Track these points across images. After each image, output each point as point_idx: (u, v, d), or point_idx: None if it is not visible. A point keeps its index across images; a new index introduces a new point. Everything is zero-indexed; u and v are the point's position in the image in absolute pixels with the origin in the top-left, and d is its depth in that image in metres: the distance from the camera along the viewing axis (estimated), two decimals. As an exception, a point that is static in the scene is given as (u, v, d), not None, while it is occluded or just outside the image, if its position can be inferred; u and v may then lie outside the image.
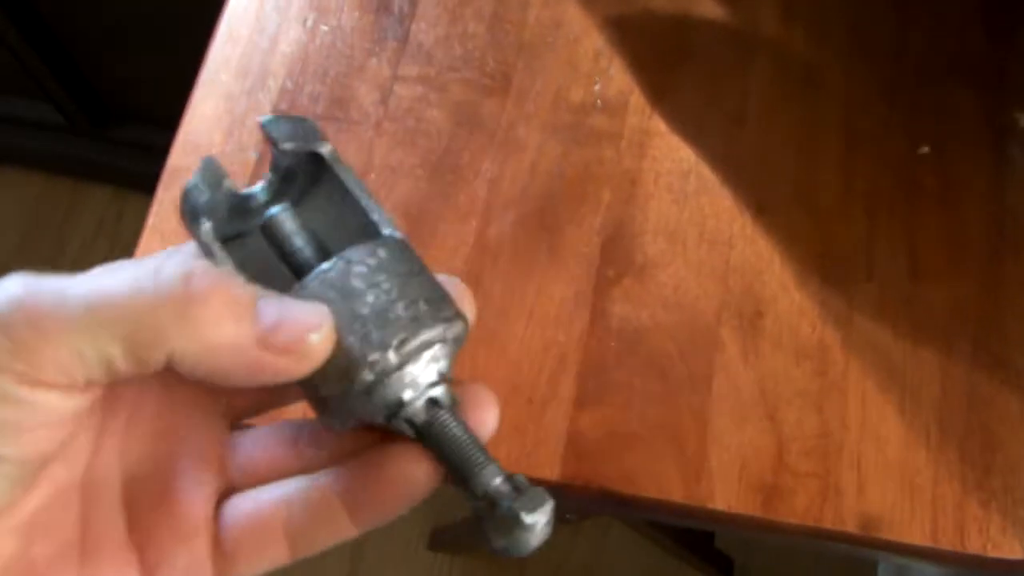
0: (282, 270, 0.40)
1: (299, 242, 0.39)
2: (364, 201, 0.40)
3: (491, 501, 0.36)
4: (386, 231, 0.39)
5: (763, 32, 0.78)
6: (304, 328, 0.34)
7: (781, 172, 0.73)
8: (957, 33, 0.77)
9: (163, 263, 0.34)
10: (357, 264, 0.36)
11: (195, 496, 0.38)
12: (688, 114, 0.75)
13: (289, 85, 0.76)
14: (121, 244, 1.93)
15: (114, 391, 0.37)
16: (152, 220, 0.72)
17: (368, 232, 0.39)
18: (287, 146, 0.40)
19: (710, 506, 0.64)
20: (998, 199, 0.71)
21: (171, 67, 1.05)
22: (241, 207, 0.40)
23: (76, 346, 0.32)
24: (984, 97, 0.75)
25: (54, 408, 0.33)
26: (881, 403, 0.66)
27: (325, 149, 0.41)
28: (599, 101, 0.75)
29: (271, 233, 0.40)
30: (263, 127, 0.40)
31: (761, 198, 0.72)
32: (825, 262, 0.70)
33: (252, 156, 0.74)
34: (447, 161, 0.73)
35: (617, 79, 0.76)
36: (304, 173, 0.41)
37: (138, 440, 0.39)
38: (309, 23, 0.78)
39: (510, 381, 0.67)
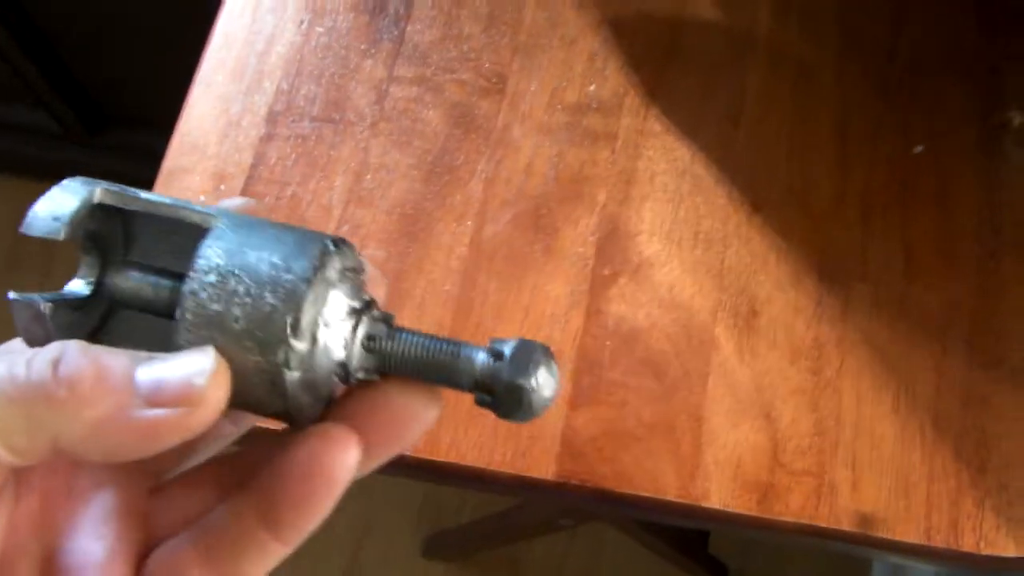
0: (162, 325, 0.37)
1: (149, 292, 0.38)
2: (173, 213, 0.37)
3: (485, 386, 0.35)
4: (207, 223, 0.36)
5: (757, 32, 0.78)
6: (186, 377, 0.32)
7: (776, 172, 0.73)
8: (950, 32, 0.77)
9: (37, 353, 0.33)
10: (201, 291, 0.34)
11: (116, 561, 0.36)
12: (683, 114, 0.75)
13: (285, 86, 0.76)
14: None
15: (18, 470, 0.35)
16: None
17: (199, 235, 0.36)
18: (64, 232, 0.37)
19: (705, 505, 0.64)
20: (992, 197, 0.72)
21: (165, 71, 1.05)
22: (81, 301, 0.38)
23: None
24: (977, 93, 0.75)
25: None
26: (876, 402, 0.66)
27: (96, 196, 0.37)
28: (594, 102, 0.75)
29: (124, 302, 0.38)
30: (33, 235, 0.37)
31: (756, 198, 0.72)
32: (820, 261, 0.70)
33: (248, 159, 0.74)
34: (443, 161, 0.73)
35: (612, 80, 0.76)
36: (109, 224, 0.39)
37: (51, 515, 0.37)
38: (304, 25, 0.78)
39: (506, 380, 0.67)
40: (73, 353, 0.32)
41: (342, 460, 0.34)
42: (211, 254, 0.35)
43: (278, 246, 0.35)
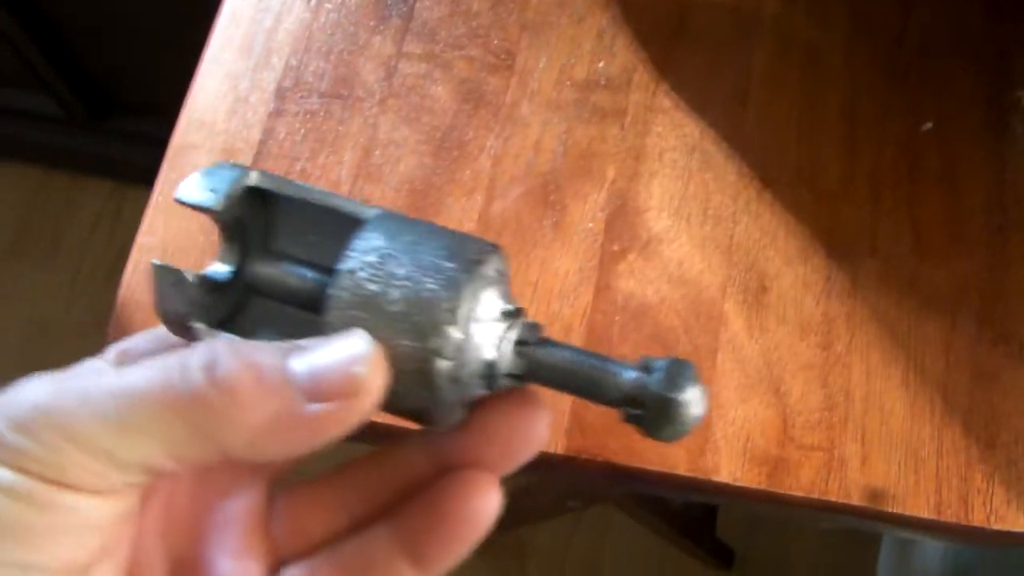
0: (301, 316, 0.38)
1: (294, 281, 0.37)
2: (326, 200, 0.37)
3: (633, 400, 0.34)
4: (365, 214, 0.36)
5: (765, 11, 0.78)
6: (345, 364, 0.32)
7: (784, 149, 0.73)
8: (958, 11, 0.77)
9: (188, 357, 0.32)
10: (360, 270, 0.34)
11: None
12: (692, 91, 0.75)
13: (293, 63, 0.76)
14: (119, 239, 1.92)
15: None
16: (156, 199, 0.72)
17: (350, 228, 0.36)
18: (219, 203, 0.36)
19: (715, 479, 0.64)
20: (1000, 176, 0.72)
21: (171, 57, 1.05)
22: (218, 285, 0.38)
23: (109, 449, 0.30)
24: (985, 75, 0.75)
25: (90, 513, 0.31)
26: (885, 377, 0.66)
27: (252, 179, 0.37)
28: (603, 78, 0.75)
29: (263, 290, 0.38)
30: (186, 204, 0.37)
31: (765, 175, 0.72)
32: (829, 238, 0.70)
33: (256, 135, 0.74)
34: (451, 137, 0.73)
35: (621, 57, 0.76)
36: (253, 212, 0.39)
37: (177, 521, 0.37)
38: (313, 1, 0.78)
39: (515, 355, 0.67)
40: (225, 356, 0.31)
41: (489, 506, 0.35)
42: (372, 236, 0.34)
43: (438, 238, 0.35)
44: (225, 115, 0.74)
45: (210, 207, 0.36)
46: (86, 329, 1.83)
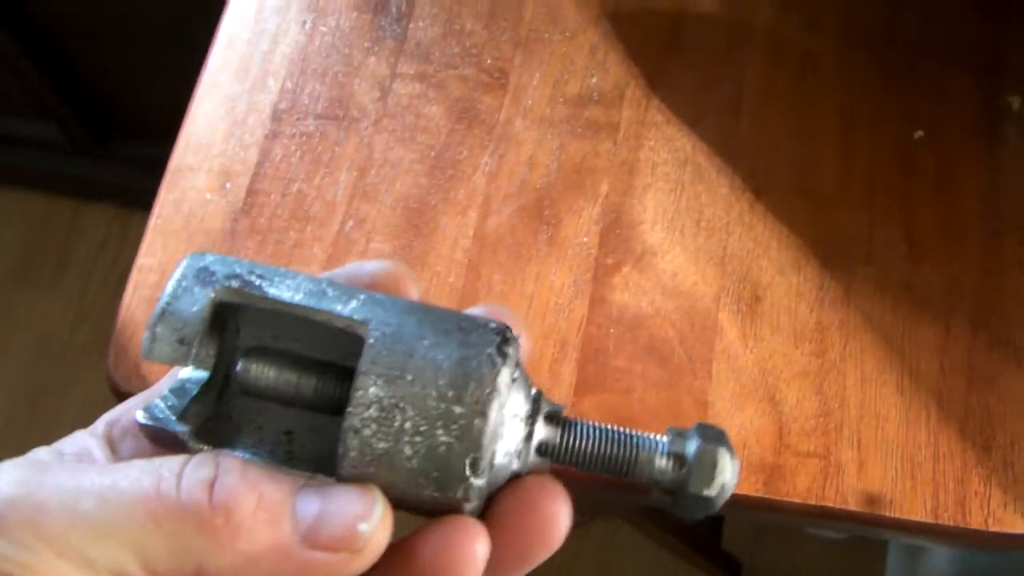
0: (283, 412, 0.36)
1: (290, 390, 0.35)
2: (311, 314, 0.34)
3: (664, 487, 0.35)
4: (354, 330, 0.34)
5: (757, 21, 0.78)
6: (352, 519, 0.31)
7: (778, 159, 0.73)
8: (951, 17, 0.78)
9: (188, 468, 0.30)
10: (364, 428, 0.32)
11: None
12: (684, 104, 0.75)
13: (289, 85, 0.77)
14: (123, 263, 1.93)
15: None
16: (155, 221, 0.72)
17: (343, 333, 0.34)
18: (194, 356, 0.34)
19: (713, 487, 0.64)
20: (994, 180, 0.72)
21: (174, 84, 1.06)
22: (205, 385, 0.36)
23: (85, 553, 0.29)
24: (978, 80, 0.76)
25: None
26: (880, 383, 0.66)
27: (217, 296, 0.35)
28: (595, 94, 0.76)
29: (255, 392, 0.36)
30: (151, 358, 0.34)
31: (758, 185, 0.72)
32: (823, 246, 0.70)
33: (253, 157, 0.74)
34: (446, 156, 0.74)
35: (613, 72, 0.77)
36: (230, 314, 0.37)
37: None
38: (308, 24, 0.79)
39: (512, 369, 0.67)
40: (231, 475, 0.30)
41: (473, 554, 0.33)
42: (368, 384, 0.32)
43: (441, 361, 0.33)
44: (222, 137, 0.75)
45: (187, 363, 0.35)
46: (90, 351, 1.84)
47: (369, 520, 0.31)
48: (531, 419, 0.35)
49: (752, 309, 0.69)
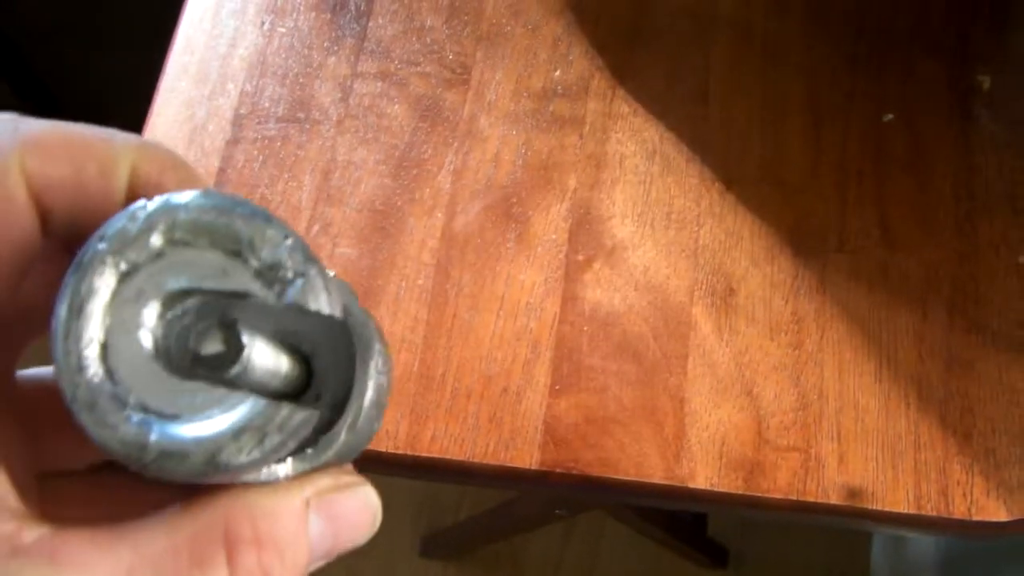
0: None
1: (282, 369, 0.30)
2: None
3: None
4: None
5: (722, 9, 0.77)
6: (365, 529, 0.31)
7: (747, 148, 0.72)
8: (917, 0, 0.77)
9: (196, 549, 0.27)
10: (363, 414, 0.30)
11: None
12: (650, 95, 0.74)
13: (249, 88, 0.75)
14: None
15: None
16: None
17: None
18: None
19: (692, 485, 0.63)
20: (966, 161, 0.71)
21: (134, 87, 1.04)
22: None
23: None
24: (947, 61, 0.75)
25: None
26: (858, 373, 0.65)
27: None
28: (560, 87, 0.74)
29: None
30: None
31: (728, 175, 0.71)
32: (796, 235, 0.69)
33: (215, 163, 0.73)
34: (410, 155, 0.73)
35: (577, 64, 0.75)
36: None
37: None
38: (266, 26, 0.78)
39: (484, 372, 0.66)
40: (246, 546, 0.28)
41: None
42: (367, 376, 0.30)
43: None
44: (183, 144, 0.74)
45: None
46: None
47: (376, 517, 0.31)
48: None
49: (726, 302, 0.68)
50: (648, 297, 0.68)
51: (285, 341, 0.29)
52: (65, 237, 0.30)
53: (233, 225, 0.27)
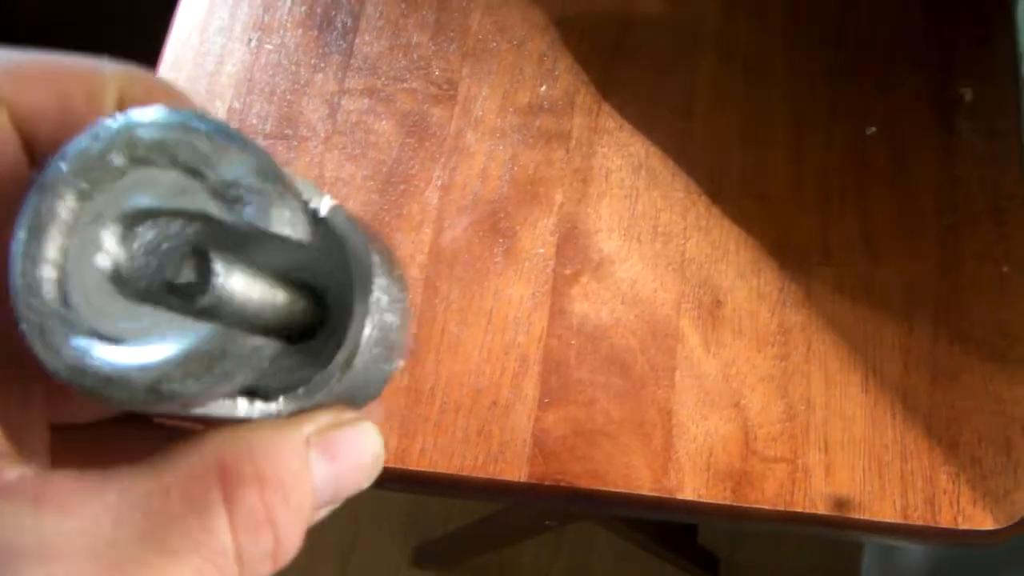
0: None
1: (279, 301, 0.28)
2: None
3: None
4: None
5: (706, 26, 0.78)
6: (369, 470, 0.29)
7: (731, 161, 0.73)
8: (897, 13, 0.77)
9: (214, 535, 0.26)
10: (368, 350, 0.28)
11: None
12: (635, 110, 0.75)
13: (237, 105, 0.76)
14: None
15: None
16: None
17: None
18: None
19: (680, 497, 0.63)
20: (948, 173, 0.72)
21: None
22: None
23: None
24: (928, 74, 0.75)
25: None
26: (844, 384, 0.66)
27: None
28: (546, 102, 0.75)
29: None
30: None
31: (713, 188, 0.72)
32: (781, 248, 0.70)
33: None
34: (398, 171, 0.73)
35: (563, 79, 0.76)
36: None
37: None
38: (253, 43, 0.78)
39: (473, 385, 0.67)
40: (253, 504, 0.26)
41: None
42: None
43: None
44: (171, 162, 0.74)
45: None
46: None
47: (379, 459, 0.29)
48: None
49: (713, 315, 0.68)
50: (635, 310, 0.68)
51: (291, 272, 0.28)
52: None
53: (193, 142, 0.26)
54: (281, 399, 0.28)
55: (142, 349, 0.25)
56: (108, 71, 0.29)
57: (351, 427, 0.29)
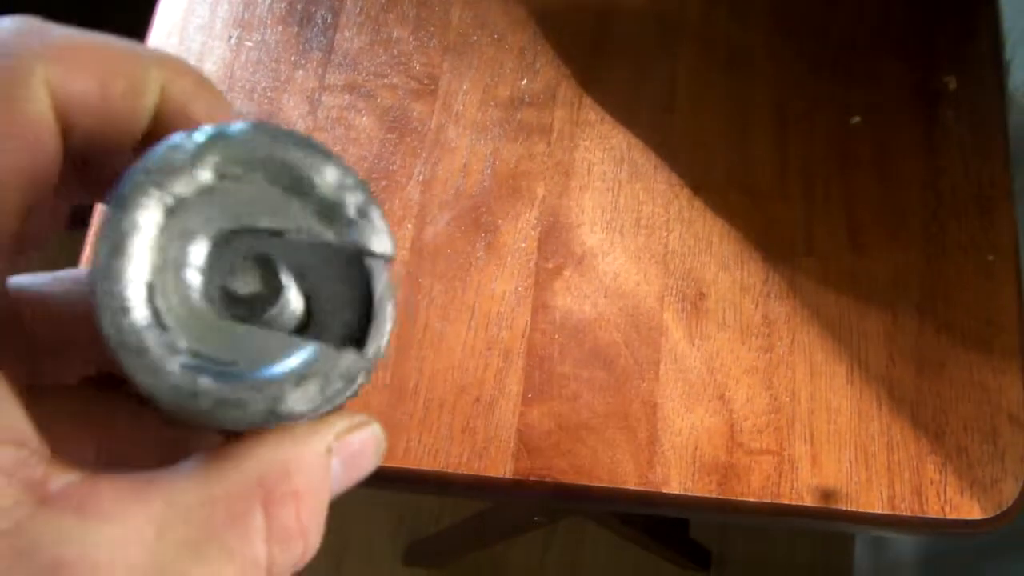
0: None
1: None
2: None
3: None
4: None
5: (687, 17, 0.77)
6: (369, 468, 0.29)
7: (714, 154, 0.73)
8: (882, 4, 0.77)
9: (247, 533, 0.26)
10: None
11: None
12: (617, 102, 0.74)
13: (215, 103, 0.75)
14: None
15: None
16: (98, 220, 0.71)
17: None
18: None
19: (666, 491, 0.63)
20: (932, 163, 0.72)
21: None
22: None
23: None
24: (911, 63, 0.75)
25: None
26: (830, 375, 0.66)
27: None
28: (527, 96, 0.75)
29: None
30: None
31: (696, 181, 0.72)
32: (764, 239, 0.70)
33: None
34: (379, 167, 0.73)
35: (544, 73, 0.75)
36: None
37: None
38: (233, 40, 0.78)
39: (457, 382, 0.66)
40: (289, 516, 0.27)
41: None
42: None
43: None
44: (150, 161, 0.73)
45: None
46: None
47: (381, 451, 0.30)
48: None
49: (697, 307, 0.68)
50: (619, 304, 0.68)
51: (330, 279, 0.27)
52: (79, 160, 0.28)
53: (290, 160, 0.26)
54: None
55: (251, 369, 0.25)
56: (152, 62, 0.28)
57: (361, 430, 0.29)
